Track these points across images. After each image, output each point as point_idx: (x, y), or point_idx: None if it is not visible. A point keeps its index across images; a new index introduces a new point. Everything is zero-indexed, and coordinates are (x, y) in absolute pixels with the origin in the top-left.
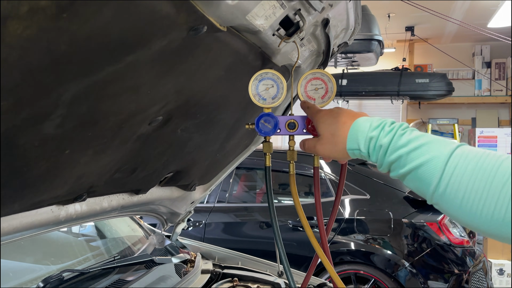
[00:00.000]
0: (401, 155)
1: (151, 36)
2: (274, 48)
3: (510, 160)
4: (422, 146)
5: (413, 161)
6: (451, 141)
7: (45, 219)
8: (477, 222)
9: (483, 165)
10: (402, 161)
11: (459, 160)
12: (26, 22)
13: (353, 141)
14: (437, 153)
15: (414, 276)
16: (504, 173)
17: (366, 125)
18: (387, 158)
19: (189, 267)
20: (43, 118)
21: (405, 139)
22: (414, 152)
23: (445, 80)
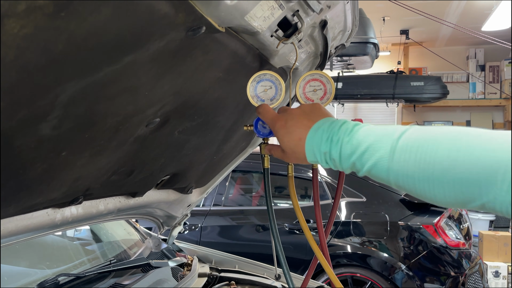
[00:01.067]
0: (353, 161)
1: (149, 36)
2: (272, 49)
3: (447, 144)
4: (367, 149)
5: (365, 165)
6: (394, 131)
7: (40, 223)
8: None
9: (422, 157)
10: (357, 167)
11: (400, 156)
12: (23, 21)
13: (312, 156)
14: (381, 153)
15: (411, 278)
16: (441, 161)
17: (317, 139)
18: (344, 166)
19: (186, 271)
20: (39, 119)
21: (350, 148)
22: (363, 157)
23: (439, 83)
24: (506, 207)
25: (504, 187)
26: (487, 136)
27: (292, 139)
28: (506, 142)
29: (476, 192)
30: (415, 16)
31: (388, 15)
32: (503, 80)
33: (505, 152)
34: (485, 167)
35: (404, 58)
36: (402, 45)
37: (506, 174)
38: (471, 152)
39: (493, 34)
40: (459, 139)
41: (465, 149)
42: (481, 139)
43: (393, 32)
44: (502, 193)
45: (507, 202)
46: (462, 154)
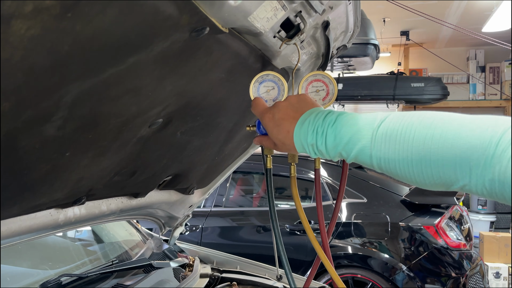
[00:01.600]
0: (339, 151)
1: (153, 38)
2: (274, 50)
3: (422, 132)
4: (350, 140)
5: (350, 154)
6: (374, 120)
7: (44, 223)
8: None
9: (400, 145)
10: (343, 155)
11: (380, 145)
12: (30, 22)
13: (300, 147)
14: (363, 143)
15: (411, 279)
16: (417, 149)
17: (304, 131)
18: (331, 155)
19: (188, 271)
20: (44, 120)
21: (334, 140)
22: (347, 147)
23: (440, 84)
24: (481, 189)
25: (478, 172)
26: (460, 122)
27: (281, 131)
28: (477, 128)
29: (453, 176)
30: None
31: (388, 16)
32: (503, 81)
33: (477, 139)
34: (459, 154)
35: (405, 59)
36: (403, 46)
37: (478, 160)
38: (445, 140)
39: (493, 35)
40: (434, 127)
41: (439, 136)
42: (454, 126)
43: (393, 33)
44: (477, 177)
45: (481, 185)
46: (436, 141)
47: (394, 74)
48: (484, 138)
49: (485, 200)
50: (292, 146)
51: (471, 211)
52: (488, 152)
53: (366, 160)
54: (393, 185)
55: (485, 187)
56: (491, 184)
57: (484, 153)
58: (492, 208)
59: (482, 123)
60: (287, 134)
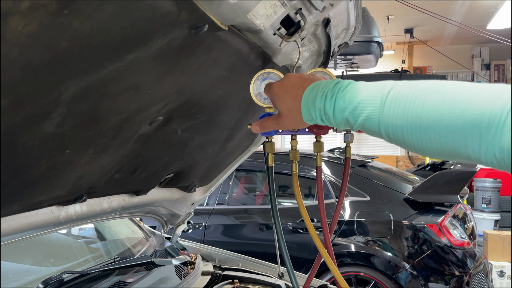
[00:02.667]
0: (346, 116)
1: (152, 34)
2: (275, 48)
3: (433, 97)
4: (359, 104)
5: (357, 119)
6: (384, 86)
7: (45, 220)
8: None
9: (410, 110)
10: (350, 122)
11: (390, 110)
12: (27, 19)
13: (307, 113)
14: (373, 108)
15: (415, 278)
16: (427, 114)
17: (313, 96)
18: (337, 121)
19: (190, 269)
20: (43, 116)
21: (343, 103)
22: (355, 112)
23: None
24: (491, 158)
25: (489, 139)
26: (472, 88)
27: (289, 96)
28: (489, 95)
29: (462, 143)
30: (420, 15)
31: (392, 14)
32: (508, 78)
33: (488, 105)
34: (469, 120)
35: (409, 57)
36: (407, 44)
37: (490, 126)
38: (456, 105)
39: (498, 32)
40: (445, 92)
41: (450, 102)
42: (466, 91)
43: (397, 31)
44: (487, 145)
45: (491, 153)
46: (447, 107)
47: (398, 72)
48: (496, 105)
49: (490, 199)
50: (298, 113)
51: (475, 210)
52: (500, 119)
53: (373, 127)
54: (396, 184)
55: (495, 156)
56: (501, 152)
57: (495, 120)
58: (496, 206)
59: (494, 90)
60: (295, 99)
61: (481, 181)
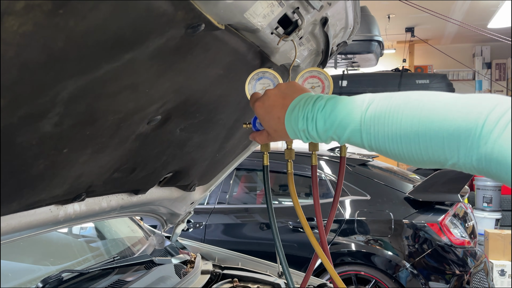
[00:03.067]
0: (331, 135)
1: (149, 34)
2: (272, 47)
3: (409, 115)
4: (340, 124)
5: (341, 137)
6: (362, 102)
7: (43, 219)
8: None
9: (389, 128)
10: (335, 139)
11: (369, 128)
12: (22, 19)
13: (292, 134)
14: (353, 127)
15: (415, 277)
16: (406, 132)
17: (294, 118)
18: (323, 139)
19: (189, 268)
20: (40, 116)
21: (324, 124)
22: (337, 131)
23: (445, 81)
24: (470, 168)
25: (466, 152)
26: (446, 102)
27: (272, 118)
28: (464, 108)
29: (442, 157)
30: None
31: (393, 13)
32: (509, 77)
33: (464, 120)
34: (446, 135)
35: (410, 56)
36: (408, 43)
37: (466, 140)
38: (432, 122)
39: (499, 31)
40: (420, 109)
41: (425, 119)
42: (441, 107)
43: (398, 30)
44: (465, 157)
45: (469, 163)
46: (423, 124)
47: (399, 70)
48: (470, 120)
49: (491, 198)
50: (284, 133)
51: (476, 209)
52: (475, 133)
53: (357, 142)
54: (396, 182)
55: (473, 165)
56: (478, 163)
57: (471, 134)
58: (497, 205)
59: (468, 103)
60: (278, 121)
61: (482, 180)
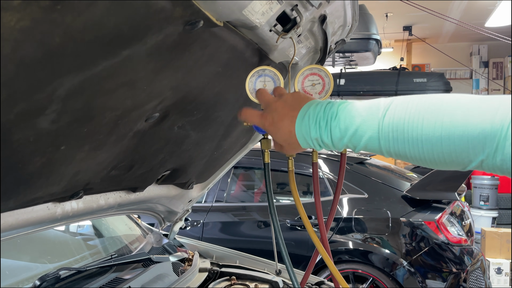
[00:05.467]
0: (346, 143)
1: (146, 30)
2: (271, 44)
3: (431, 119)
4: (356, 132)
5: (357, 145)
6: (378, 109)
7: (41, 217)
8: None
9: (409, 134)
10: (350, 147)
11: (388, 135)
12: (20, 14)
13: (305, 144)
14: (370, 134)
15: (412, 275)
16: (428, 138)
17: (305, 127)
18: (337, 147)
19: (187, 266)
20: (38, 113)
21: (339, 132)
22: (353, 139)
23: (442, 79)
24: (493, 168)
25: (491, 154)
26: (468, 106)
27: (283, 133)
28: (487, 111)
29: (466, 159)
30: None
31: (391, 11)
32: (506, 76)
33: (488, 123)
34: (470, 139)
35: (407, 55)
36: (405, 42)
37: (491, 143)
38: (456, 127)
39: (496, 30)
40: (442, 114)
41: (449, 124)
42: (463, 111)
43: (396, 28)
44: (488, 158)
45: (493, 164)
46: (446, 129)
47: (397, 69)
48: (496, 122)
49: (487, 196)
50: (298, 145)
51: (473, 207)
52: (500, 135)
53: (375, 149)
54: (394, 181)
55: (497, 165)
56: (502, 163)
57: (496, 136)
58: (494, 204)
59: (491, 105)
60: (290, 134)
61: (479, 179)
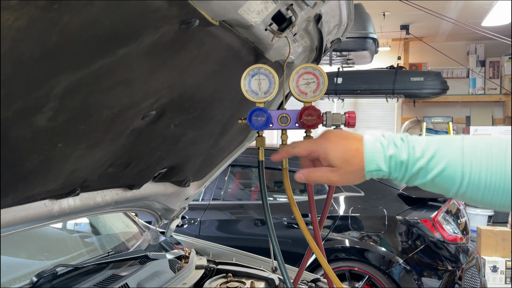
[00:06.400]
0: (421, 167)
1: (143, 29)
2: (267, 43)
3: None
4: (436, 153)
5: (433, 170)
6: (454, 137)
7: (38, 213)
8: (499, 203)
9: (493, 157)
10: (422, 172)
11: (471, 159)
12: (17, 13)
13: (372, 163)
14: (451, 157)
15: (408, 272)
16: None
17: (377, 145)
18: (408, 172)
19: (184, 263)
20: (35, 110)
21: (420, 150)
22: (431, 162)
23: (439, 78)
24: None
25: None
26: None
27: (349, 149)
28: None
29: None
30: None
31: (388, 10)
32: (503, 75)
33: None
34: None
35: (404, 53)
36: (402, 40)
37: None
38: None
39: (493, 29)
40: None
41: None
42: None
43: (393, 27)
44: None
45: None
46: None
47: (394, 68)
48: None
49: None
50: (359, 166)
51: (469, 206)
52: None
53: (453, 177)
54: (390, 180)
55: None
56: None
57: None
58: None
59: None
60: (356, 151)
61: None
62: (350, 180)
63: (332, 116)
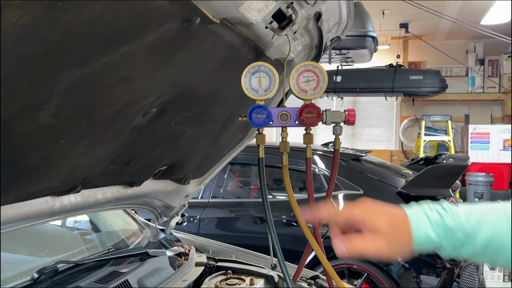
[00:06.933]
0: (468, 232)
1: (145, 27)
2: (267, 41)
3: None
4: (484, 215)
5: (482, 233)
6: (494, 204)
7: (39, 210)
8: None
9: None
10: (469, 242)
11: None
12: (22, 11)
13: (419, 229)
14: (499, 220)
15: (407, 270)
16: None
17: (420, 213)
18: (457, 239)
19: (183, 260)
20: (38, 107)
21: (464, 214)
22: (481, 225)
23: (438, 77)
24: None
25: None
26: None
27: (394, 215)
28: None
29: None
30: (415, 10)
31: (387, 9)
32: (502, 74)
33: None
34: None
35: (404, 52)
36: (402, 39)
37: None
38: None
39: (492, 28)
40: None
41: None
42: None
43: (392, 26)
44: None
45: None
46: None
47: (393, 66)
48: None
49: (482, 193)
50: (406, 232)
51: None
52: None
53: (503, 243)
54: (389, 177)
55: None
56: None
57: None
58: (488, 200)
59: None
60: (403, 218)
61: (474, 175)
62: (398, 249)
63: (332, 113)
